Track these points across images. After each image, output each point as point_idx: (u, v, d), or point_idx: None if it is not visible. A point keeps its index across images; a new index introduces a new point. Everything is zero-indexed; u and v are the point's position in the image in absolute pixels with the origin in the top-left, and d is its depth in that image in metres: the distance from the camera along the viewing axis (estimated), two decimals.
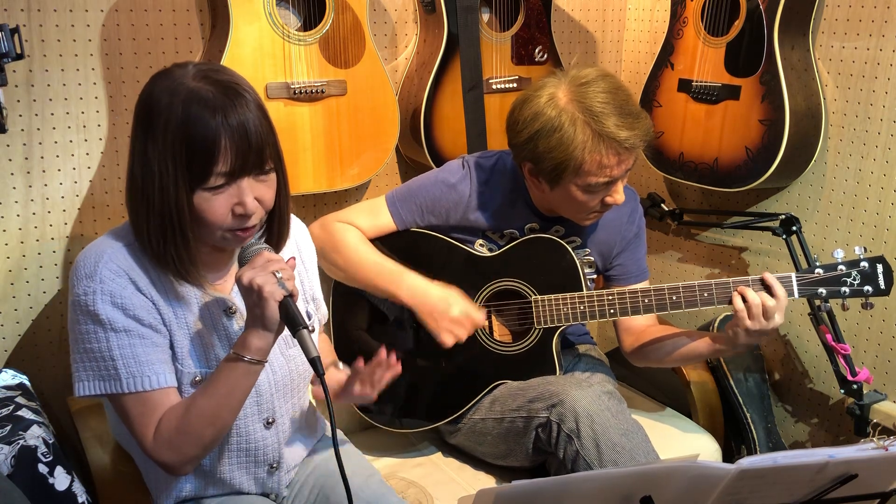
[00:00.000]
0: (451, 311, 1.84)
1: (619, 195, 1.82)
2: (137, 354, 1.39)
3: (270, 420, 1.54)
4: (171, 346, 1.43)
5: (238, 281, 1.35)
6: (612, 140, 1.72)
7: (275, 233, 1.48)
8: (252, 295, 1.34)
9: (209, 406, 1.39)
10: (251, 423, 1.52)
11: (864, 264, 1.78)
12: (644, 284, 2.04)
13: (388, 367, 1.58)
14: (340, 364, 1.75)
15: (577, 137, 1.73)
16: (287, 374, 1.55)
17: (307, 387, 1.68)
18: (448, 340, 1.84)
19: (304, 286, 1.63)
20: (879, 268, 1.78)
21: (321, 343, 1.78)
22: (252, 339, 1.36)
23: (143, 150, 1.34)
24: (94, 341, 1.38)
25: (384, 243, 1.97)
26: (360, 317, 2.01)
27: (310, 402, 1.79)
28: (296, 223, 1.65)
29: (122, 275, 1.39)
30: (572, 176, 1.77)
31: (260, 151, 1.35)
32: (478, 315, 1.86)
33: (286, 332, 1.53)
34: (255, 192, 1.37)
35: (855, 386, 2.09)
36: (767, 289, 1.76)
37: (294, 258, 1.43)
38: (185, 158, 1.31)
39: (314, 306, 1.67)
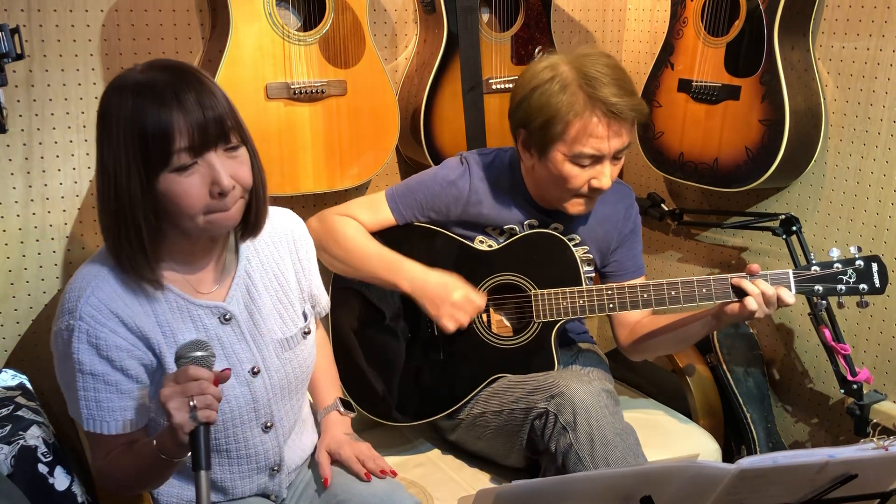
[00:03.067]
0: (451, 296, 1.83)
1: (605, 178, 1.81)
2: (100, 400, 1.38)
3: (269, 424, 1.53)
4: (165, 366, 1.41)
5: (157, 396, 1.27)
6: (603, 103, 1.74)
7: (251, 217, 1.44)
8: (166, 414, 1.26)
9: (132, 470, 1.40)
10: (248, 429, 1.51)
11: (860, 263, 1.80)
12: (640, 280, 2.05)
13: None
14: (341, 406, 1.75)
15: (567, 97, 1.76)
16: (284, 378, 1.54)
17: (305, 387, 1.68)
18: (450, 325, 1.83)
19: (302, 285, 1.62)
20: (874, 266, 1.80)
21: (321, 347, 1.76)
22: (165, 442, 1.30)
23: (101, 156, 1.33)
24: (66, 373, 1.39)
25: (384, 237, 1.97)
26: (359, 312, 2.01)
27: (309, 402, 1.79)
28: (292, 218, 1.63)
29: (104, 309, 1.36)
30: (558, 140, 1.78)
31: (219, 121, 1.31)
32: (478, 298, 1.85)
33: (282, 336, 1.53)
34: (229, 170, 1.33)
35: (855, 386, 2.09)
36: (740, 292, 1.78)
37: (229, 369, 1.32)
38: (140, 144, 1.28)
39: (310, 305, 1.66)
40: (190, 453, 1.25)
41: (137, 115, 1.28)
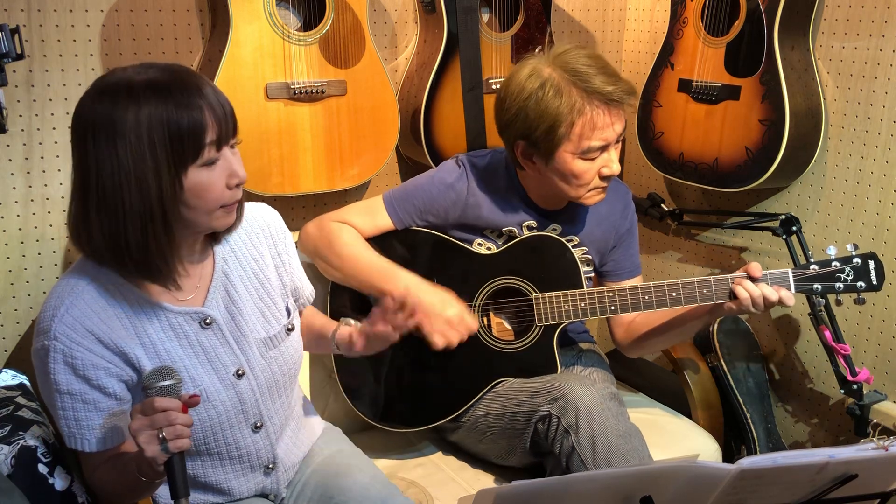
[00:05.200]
0: (445, 312, 1.80)
1: (614, 164, 1.84)
2: (79, 418, 1.38)
3: (258, 424, 1.53)
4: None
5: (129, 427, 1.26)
6: (600, 94, 1.76)
7: (238, 213, 1.45)
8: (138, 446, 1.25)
9: (120, 486, 1.40)
10: (238, 430, 1.51)
11: (857, 260, 1.82)
12: (637, 280, 2.06)
13: (408, 312, 1.55)
14: (352, 321, 1.69)
15: (565, 99, 1.76)
16: (271, 377, 1.53)
17: (295, 383, 1.67)
18: (439, 342, 1.79)
19: (283, 280, 1.60)
20: (871, 264, 1.82)
21: (312, 317, 1.74)
22: (143, 467, 1.29)
23: (111, 158, 1.29)
24: (46, 391, 1.39)
25: (384, 242, 1.97)
26: (359, 318, 2.01)
27: (304, 398, 1.78)
28: (268, 211, 1.62)
29: (79, 328, 1.35)
30: (565, 141, 1.78)
31: (233, 116, 1.36)
32: (472, 320, 1.83)
33: (265, 335, 1.53)
34: (237, 164, 1.37)
35: (855, 386, 2.09)
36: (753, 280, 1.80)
37: (198, 395, 1.30)
38: (170, 141, 1.28)
39: (292, 300, 1.64)
40: (168, 482, 1.25)
41: (167, 113, 1.28)
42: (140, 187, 1.29)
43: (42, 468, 1.51)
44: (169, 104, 1.28)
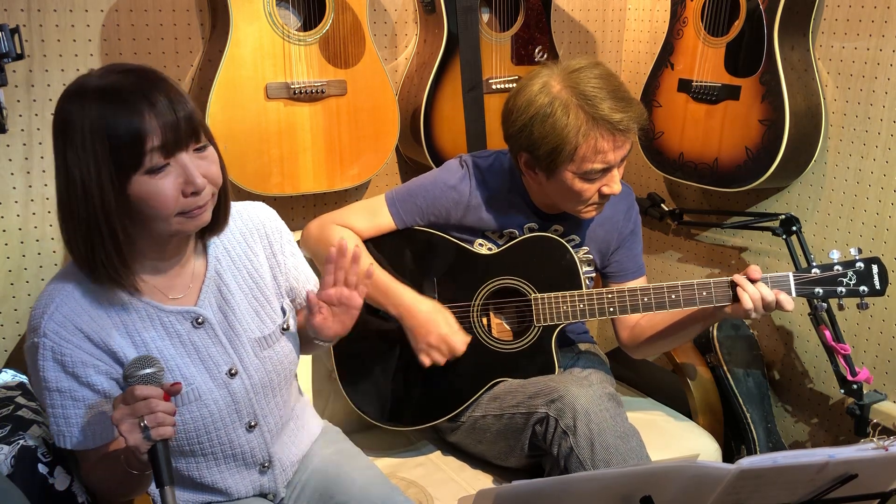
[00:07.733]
0: (430, 336, 1.84)
1: (616, 184, 1.82)
2: (68, 416, 1.38)
3: (252, 423, 1.53)
4: None
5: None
6: (607, 122, 1.73)
7: (219, 215, 1.43)
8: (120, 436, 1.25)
9: (112, 482, 1.40)
10: (231, 430, 1.50)
11: (860, 265, 1.80)
12: (641, 281, 2.06)
13: (353, 259, 1.50)
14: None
15: (571, 122, 1.74)
16: (265, 376, 1.53)
17: (291, 382, 1.66)
18: (425, 361, 1.85)
19: (278, 280, 1.58)
20: (874, 268, 1.80)
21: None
22: (130, 459, 1.30)
23: (64, 165, 1.29)
24: (37, 389, 1.39)
25: (385, 241, 1.97)
26: (361, 317, 2.01)
27: (303, 397, 1.77)
28: (263, 210, 1.60)
29: (68, 325, 1.35)
30: (568, 162, 1.77)
31: (189, 120, 1.30)
32: (460, 343, 1.85)
33: (259, 334, 1.52)
34: (200, 169, 1.32)
35: (855, 386, 2.09)
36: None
37: (179, 383, 1.30)
38: (110, 149, 1.26)
39: (288, 300, 1.62)
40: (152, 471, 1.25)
41: (106, 119, 1.26)
42: (86, 195, 1.28)
43: (42, 468, 1.51)
44: (108, 110, 1.26)
